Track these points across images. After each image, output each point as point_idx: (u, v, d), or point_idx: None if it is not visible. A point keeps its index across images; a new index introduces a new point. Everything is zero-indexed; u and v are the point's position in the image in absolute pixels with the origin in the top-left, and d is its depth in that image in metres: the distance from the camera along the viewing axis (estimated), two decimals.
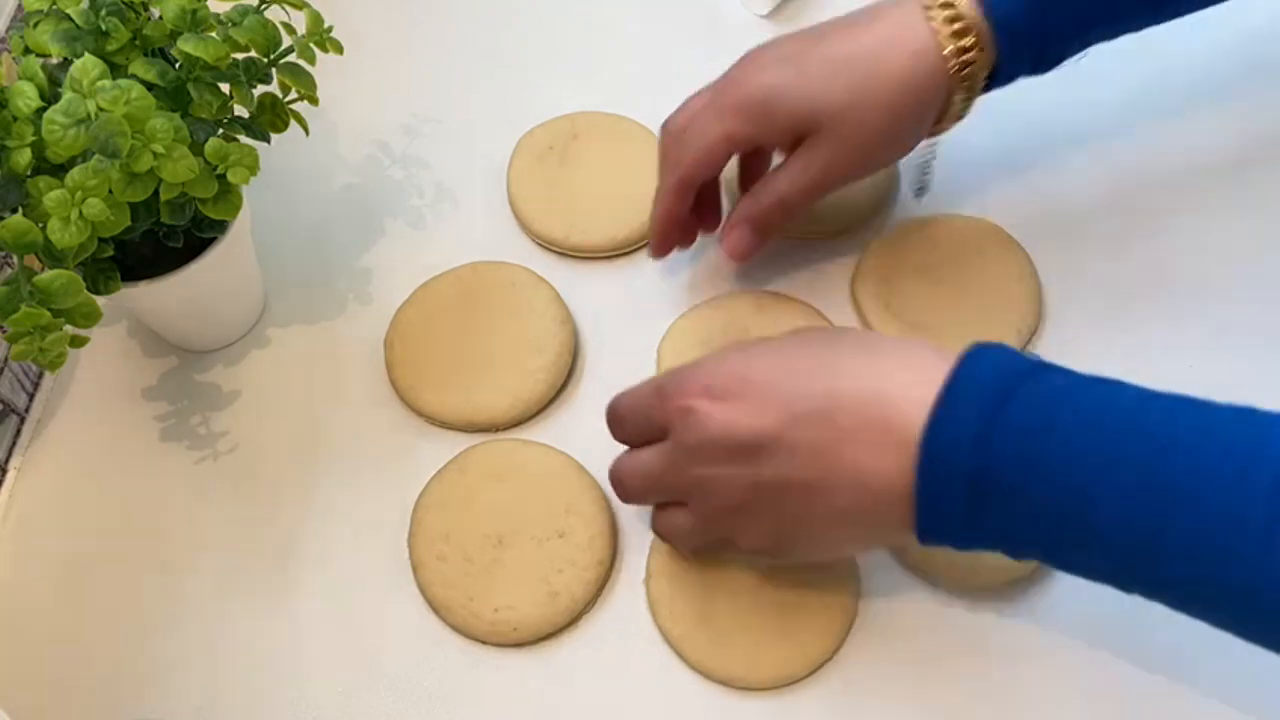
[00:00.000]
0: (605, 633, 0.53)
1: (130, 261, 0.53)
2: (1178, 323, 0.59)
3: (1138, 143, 0.64)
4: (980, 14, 0.51)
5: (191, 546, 0.56)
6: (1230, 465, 0.38)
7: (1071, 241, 0.62)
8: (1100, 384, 0.42)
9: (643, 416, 0.49)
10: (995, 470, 0.41)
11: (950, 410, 0.41)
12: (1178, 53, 0.66)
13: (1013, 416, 0.41)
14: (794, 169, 0.55)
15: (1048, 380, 0.42)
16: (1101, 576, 0.42)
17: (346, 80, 0.60)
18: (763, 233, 0.57)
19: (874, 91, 0.52)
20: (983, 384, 0.42)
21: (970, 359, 0.43)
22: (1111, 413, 0.41)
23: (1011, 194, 0.63)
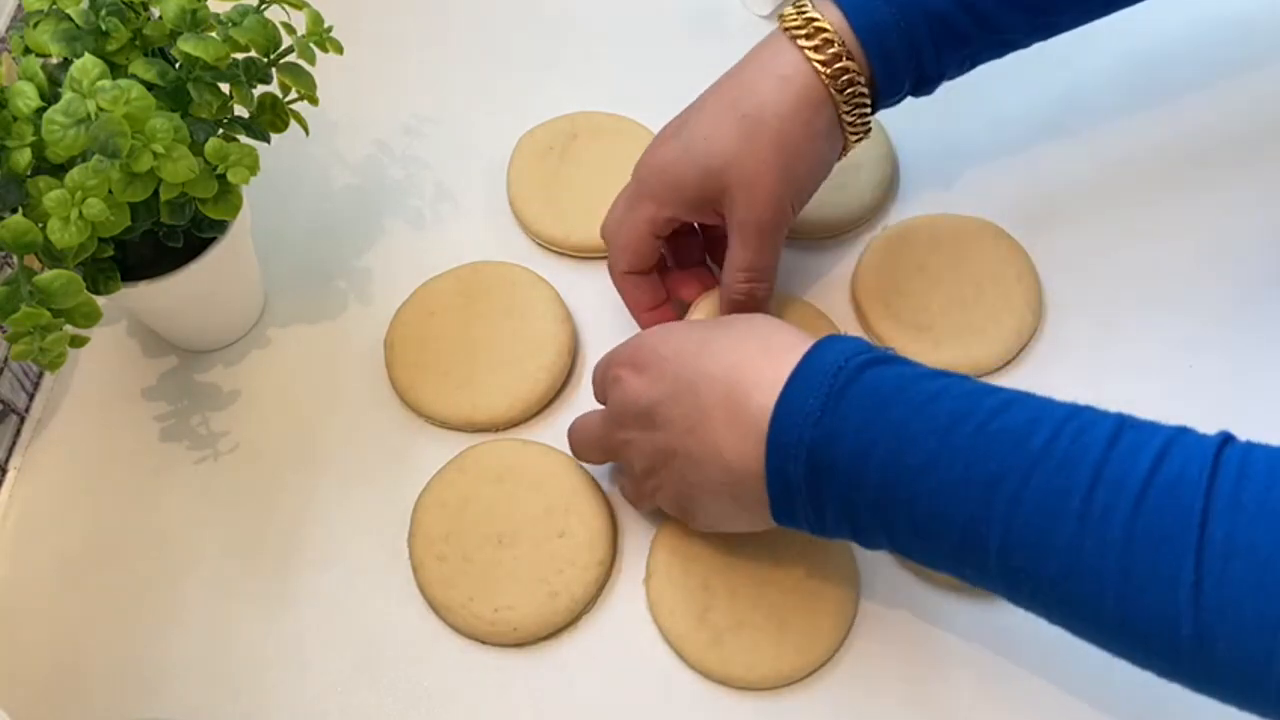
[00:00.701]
0: (605, 633, 0.53)
1: (130, 261, 0.53)
2: (1177, 322, 0.59)
3: (1138, 142, 0.64)
4: (844, 21, 0.51)
5: (191, 546, 0.56)
6: (1053, 457, 0.39)
7: (1071, 241, 0.62)
8: (942, 376, 0.43)
9: (598, 383, 0.53)
10: (832, 451, 0.42)
11: (795, 392, 0.43)
12: (1179, 52, 0.66)
13: (851, 399, 0.42)
14: (734, 250, 0.54)
15: (893, 370, 0.43)
16: (944, 566, 0.43)
17: (346, 80, 0.60)
18: (760, 307, 0.55)
19: (761, 125, 0.52)
20: (827, 369, 0.43)
21: (822, 345, 0.44)
22: (945, 401, 0.42)
23: (1011, 194, 0.63)
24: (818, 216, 0.62)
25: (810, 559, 0.52)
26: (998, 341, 0.58)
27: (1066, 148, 0.65)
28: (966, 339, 0.58)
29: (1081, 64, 0.53)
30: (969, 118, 0.59)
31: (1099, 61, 0.55)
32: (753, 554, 0.53)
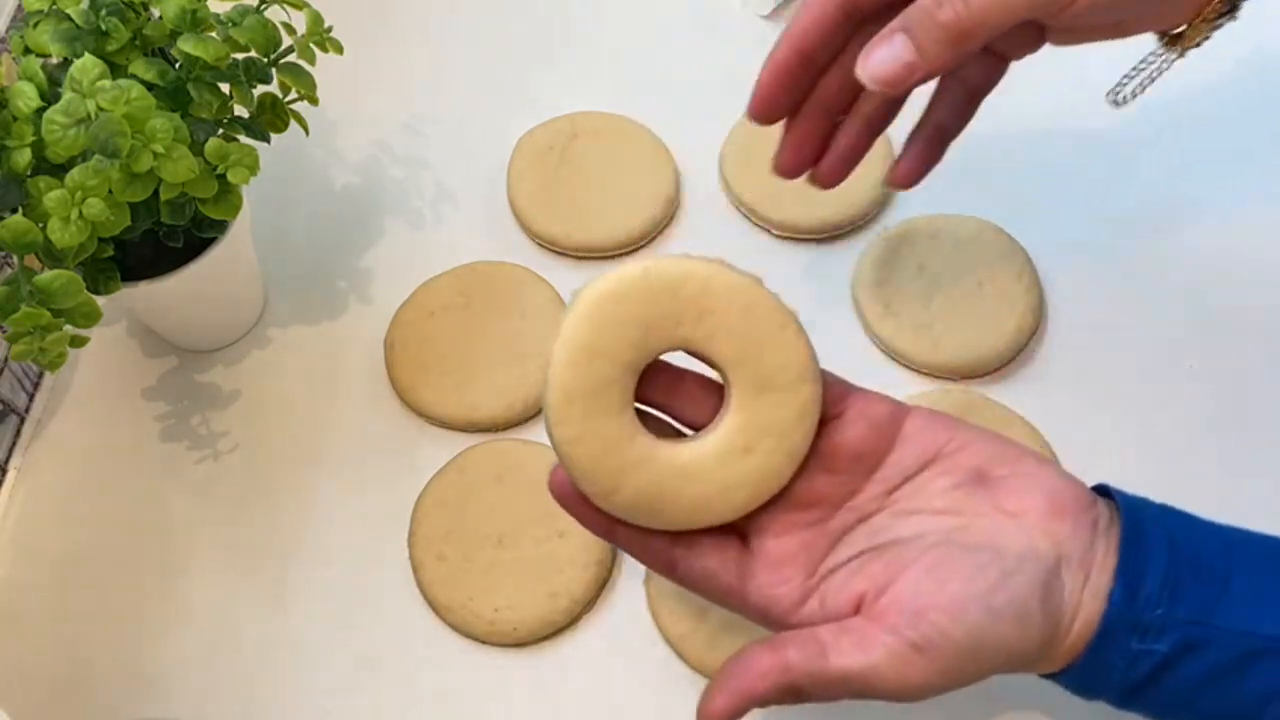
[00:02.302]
0: (605, 633, 0.53)
1: (130, 261, 0.53)
2: (1177, 322, 0.59)
3: (1137, 142, 0.64)
4: None
5: (191, 546, 0.56)
6: None
7: (1071, 241, 0.62)
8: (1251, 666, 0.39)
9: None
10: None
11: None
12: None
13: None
14: None
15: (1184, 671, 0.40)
16: None
17: (346, 80, 0.60)
18: (924, 45, 0.42)
19: None
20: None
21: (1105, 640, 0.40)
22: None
23: (1011, 194, 0.63)
24: (818, 216, 0.62)
25: None
26: (998, 341, 0.58)
27: (1067, 150, 0.65)
28: (966, 339, 0.58)
29: (1082, 63, 0.53)
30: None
31: (1100, 61, 0.55)
32: None
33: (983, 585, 0.39)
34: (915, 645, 0.38)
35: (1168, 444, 0.57)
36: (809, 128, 0.50)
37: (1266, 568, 0.40)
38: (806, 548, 0.42)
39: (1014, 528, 0.40)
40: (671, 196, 0.63)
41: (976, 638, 0.38)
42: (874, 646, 0.39)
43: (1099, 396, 0.58)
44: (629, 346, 0.40)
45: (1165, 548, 0.40)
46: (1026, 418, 0.56)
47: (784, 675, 0.39)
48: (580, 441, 0.40)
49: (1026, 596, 0.39)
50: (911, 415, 0.43)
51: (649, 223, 0.63)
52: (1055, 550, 0.40)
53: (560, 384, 0.40)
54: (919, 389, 0.58)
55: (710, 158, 0.65)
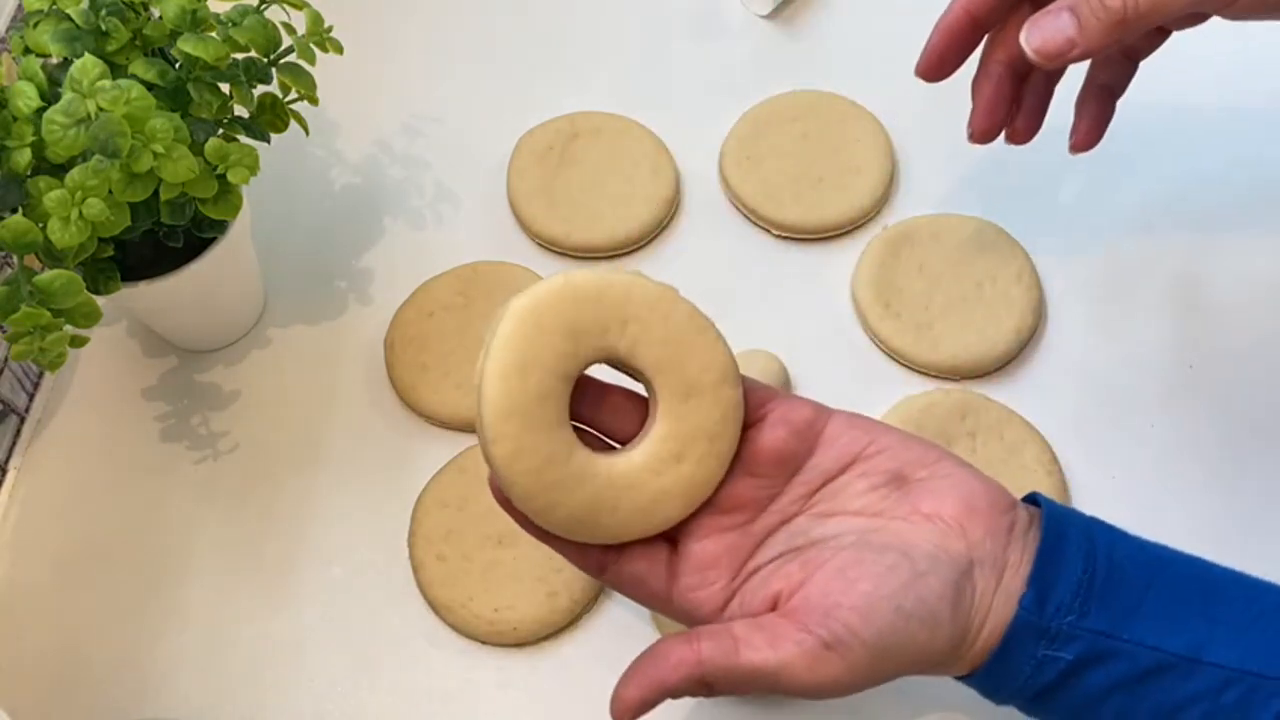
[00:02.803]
0: (605, 633, 0.53)
1: (130, 261, 0.53)
2: (1177, 323, 0.60)
3: (1137, 142, 0.64)
4: None
5: (191, 546, 0.56)
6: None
7: (1071, 241, 0.62)
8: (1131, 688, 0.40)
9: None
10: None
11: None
12: (1178, 52, 0.66)
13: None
14: None
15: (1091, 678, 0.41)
16: None
17: (346, 80, 0.60)
18: (1087, 25, 0.42)
19: None
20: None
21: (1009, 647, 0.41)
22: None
23: (1011, 194, 0.63)
24: (818, 216, 0.62)
25: None
26: (998, 341, 0.58)
27: (1066, 147, 0.65)
28: (966, 339, 0.58)
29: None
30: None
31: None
32: None
33: (893, 585, 0.40)
34: (826, 643, 0.39)
35: (1167, 444, 0.57)
36: (997, 90, 0.52)
37: (1184, 588, 0.41)
38: (731, 550, 0.43)
39: (928, 529, 0.41)
40: (671, 196, 0.63)
41: (886, 637, 0.39)
42: (785, 644, 0.39)
43: (1099, 396, 0.58)
44: (560, 357, 0.40)
45: (1082, 558, 0.40)
46: (1026, 418, 0.56)
47: (696, 668, 0.40)
48: (518, 458, 0.40)
49: (936, 598, 0.40)
50: (833, 418, 0.43)
51: (649, 223, 0.63)
52: (968, 552, 0.40)
53: (495, 399, 0.40)
54: (919, 389, 0.58)
55: (710, 158, 0.65)
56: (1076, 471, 0.56)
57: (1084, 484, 0.56)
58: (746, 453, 0.43)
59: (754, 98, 0.66)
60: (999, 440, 0.56)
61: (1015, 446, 0.55)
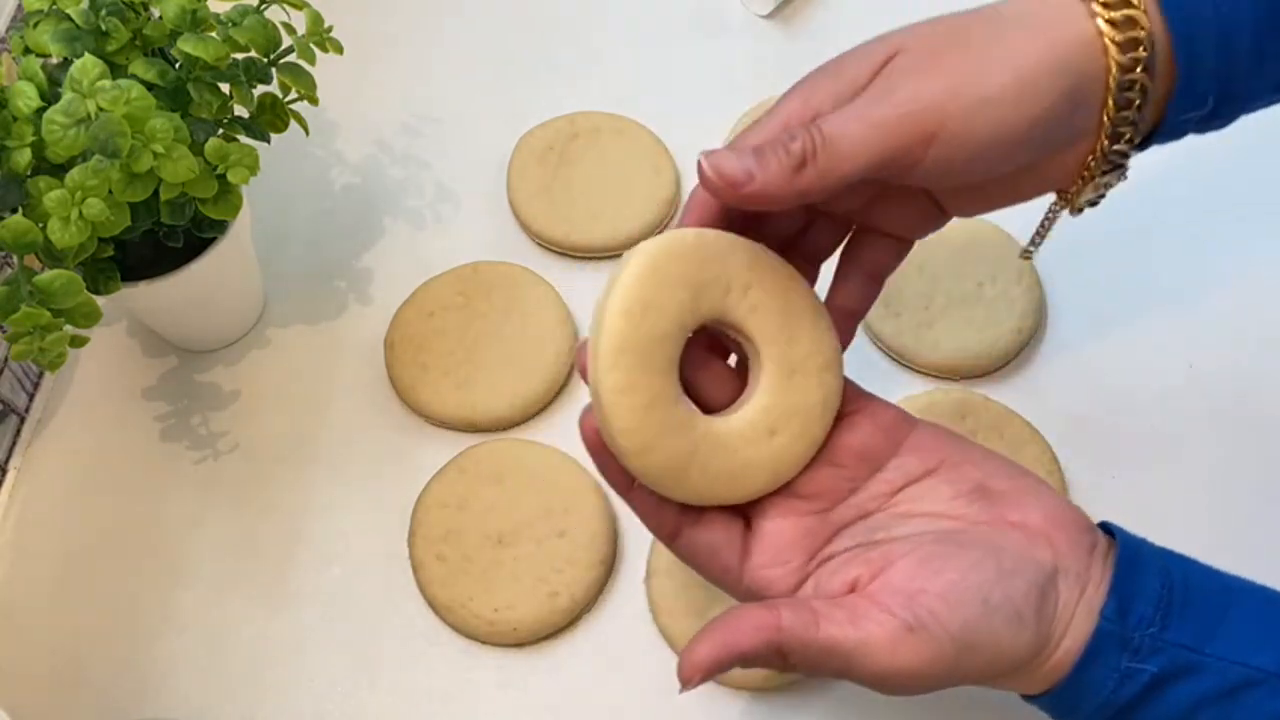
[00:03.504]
0: (605, 633, 0.53)
1: (130, 261, 0.53)
2: (1177, 323, 0.60)
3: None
4: (1156, 8, 0.40)
5: (191, 546, 0.56)
6: None
7: (1071, 241, 0.62)
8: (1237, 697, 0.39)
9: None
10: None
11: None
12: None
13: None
14: (853, 100, 0.40)
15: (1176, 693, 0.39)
16: None
17: (346, 80, 0.60)
18: (767, 163, 0.39)
19: (993, 64, 0.40)
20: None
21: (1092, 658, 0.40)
22: None
23: None
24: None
25: None
26: (998, 341, 0.58)
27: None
28: (966, 339, 0.58)
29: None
30: None
31: None
32: None
33: (979, 579, 0.39)
34: (909, 626, 0.38)
35: (1167, 444, 0.57)
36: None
37: (1264, 609, 0.40)
38: (807, 534, 0.42)
39: (1014, 536, 0.40)
40: (671, 196, 0.63)
41: (971, 630, 0.38)
42: (867, 622, 0.38)
43: (1099, 396, 0.58)
44: (680, 307, 0.40)
45: (1159, 577, 0.40)
46: (1026, 418, 0.56)
47: (775, 634, 0.38)
48: (629, 391, 0.40)
49: (1022, 597, 0.39)
50: (919, 426, 0.43)
51: (649, 223, 0.63)
52: (1053, 560, 0.40)
53: (614, 333, 0.39)
54: (919, 389, 0.58)
55: None
56: (1076, 471, 0.56)
57: (1084, 484, 0.56)
58: (832, 443, 0.43)
59: (754, 98, 0.66)
60: (999, 440, 0.56)
61: (1015, 446, 0.55)
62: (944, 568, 0.39)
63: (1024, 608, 0.39)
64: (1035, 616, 0.39)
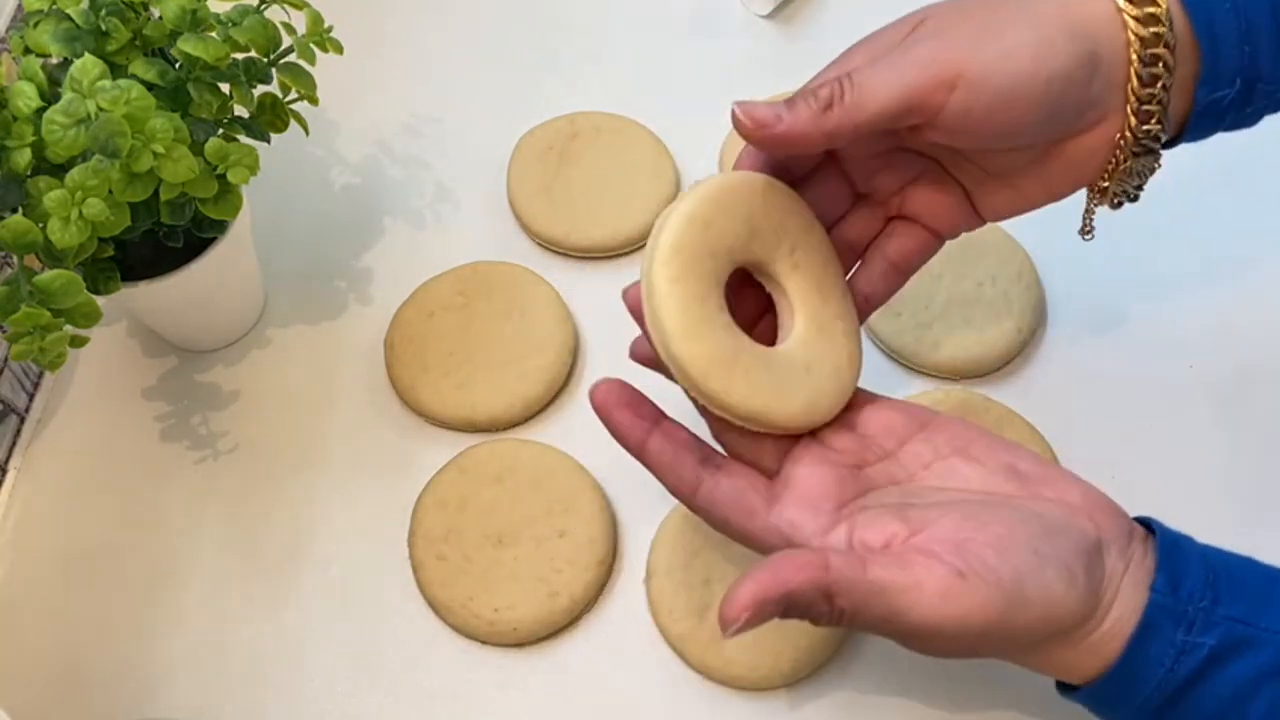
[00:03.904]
0: (605, 633, 0.53)
1: (130, 261, 0.53)
2: (1178, 323, 0.60)
3: None
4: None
5: (191, 546, 0.56)
6: None
7: (1071, 241, 0.62)
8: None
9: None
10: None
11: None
12: None
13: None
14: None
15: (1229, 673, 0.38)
16: None
17: (346, 80, 0.60)
18: (797, 111, 0.40)
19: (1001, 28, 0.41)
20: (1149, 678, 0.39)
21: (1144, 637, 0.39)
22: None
23: None
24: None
25: None
26: (998, 341, 0.58)
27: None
28: (966, 339, 0.58)
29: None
30: None
31: None
32: (753, 553, 0.53)
33: (1028, 532, 0.38)
34: (959, 571, 0.37)
35: (1167, 444, 0.57)
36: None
37: None
38: (839, 484, 0.41)
39: (1054, 507, 0.40)
40: (671, 196, 0.63)
41: (1022, 580, 0.37)
42: (916, 567, 0.37)
43: (1099, 396, 0.58)
44: (735, 238, 0.42)
45: (1201, 559, 0.39)
46: (1026, 418, 0.56)
47: (822, 573, 0.37)
48: (683, 281, 0.41)
49: (1071, 554, 0.38)
50: (942, 415, 0.43)
51: (649, 223, 0.63)
52: (1097, 533, 0.39)
53: (674, 235, 0.41)
54: (919, 389, 0.58)
55: (710, 158, 0.65)
56: (1076, 471, 0.56)
57: None
58: (856, 419, 0.43)
59: (754, 98, 0.66)
60: None
61: None
62: (990, 521, 0.38)
63: (1074, 564, 0.38)
64: (1085, 576, 0.38)
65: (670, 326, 0.40)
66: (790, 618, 0.38)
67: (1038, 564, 0.37)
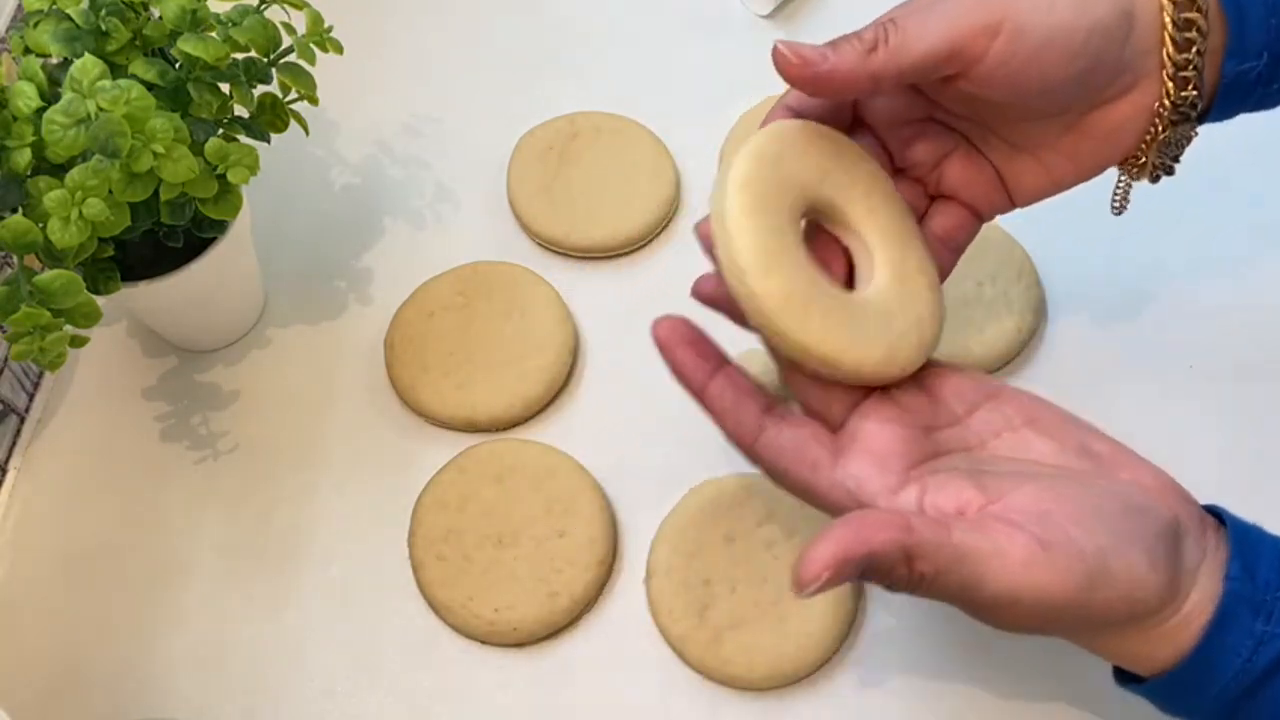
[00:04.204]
0: (605, 633, 0.53)
1: (130, 261, 0.53)
2: (1178, 322, 0.59)
3: None
4: None
5: (191, 546, 0.56)
6: None
7: (1071, 241, 0.62)
8: None
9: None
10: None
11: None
12: None
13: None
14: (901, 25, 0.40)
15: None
16: None
17: (346, 80, 0.60)
18: (843, 52, 0.40)
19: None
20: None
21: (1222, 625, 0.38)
22: None
23: None
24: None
25: None
26: (998, 341, 0.58)
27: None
28: (966, 339, 0.58)
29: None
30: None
31: None
32: (753, 553, 0.53)
33: (1110, 509, 0.37)
34: (1042, 543, 0.35)
35: (1167, 444, 0.57)
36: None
37: None
38: (909, 444, 0.40)
39: (1132, 487, 0.39)
40: (671, 196, 0.64)
41: (1105, 555, 0.36)
42: (998, 535, 0.36)
43: (1099, 397, 0.58)
44: (807, 174, 0.41)
45: (1274, 549, 0.38)
46: None
47: (904, 534, 0.35)
48: (756, 214, 0.39)
49: (1154, 536, 0.37)
50: (1010, 387, 0.42)
51: (649, 223, 0.63)
52: (1175, 516, 0.38)
53: (744, 169, 0.39)
54: None
55: (710, 158, 0.65)
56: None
57: None
58: (928, 381, 0.42)
59: (754, 98, 0.66)
60: None
61: None
62: (1071, 495, 0.37)
63: (1155, 546, 0.37)
64: (1166, 559, 0.37)
65: (745, 260, 0.38)
66: (866, 580, 0.36)
67: (1121, 542, 0.36)
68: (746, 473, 0.55)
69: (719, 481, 0.55)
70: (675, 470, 0.56)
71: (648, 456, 0.57)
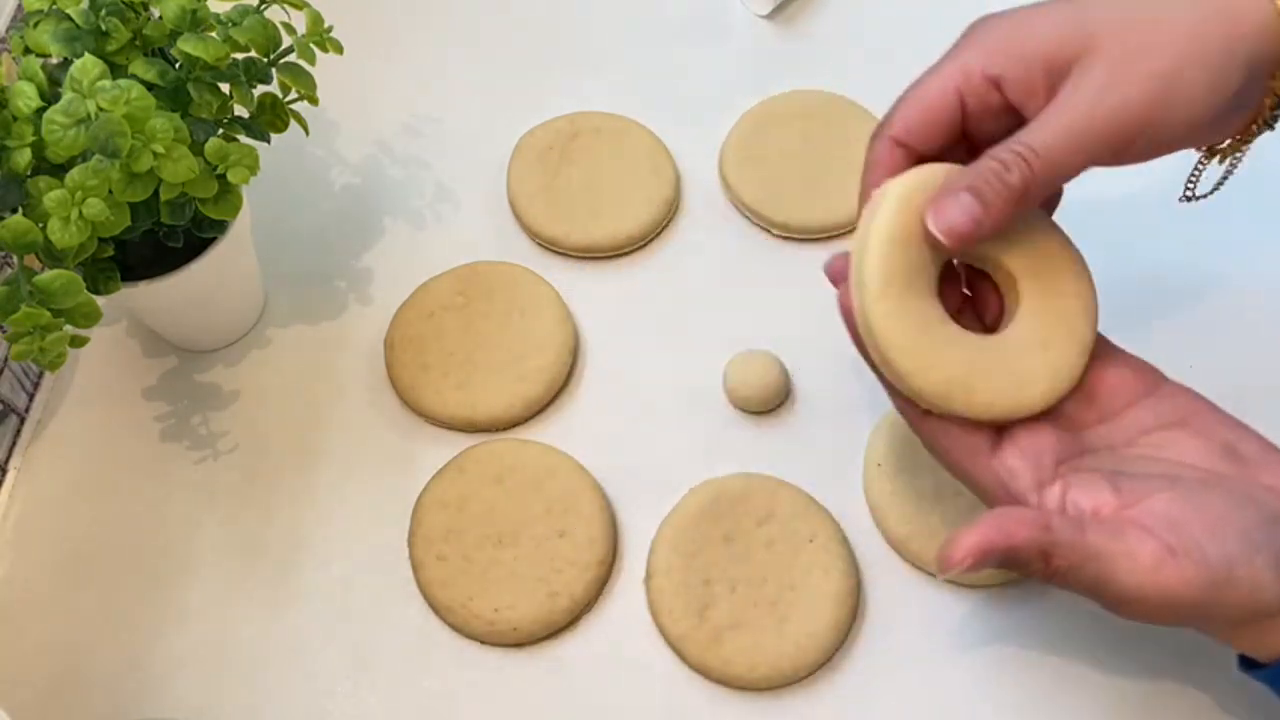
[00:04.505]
0: (605, 633, 0.53)
1: (130, 261, 0.53)
2: (1178, 323, 0.59)
3: None
4: None
5: (191, 546, 0.56)
6: None
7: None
8: None
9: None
10: None
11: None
12: None
13: None
14: (1050, 111, 0.42)
15: None
16: None
17: (346, 80, 0.60)
18: (991, 205, 0.41)
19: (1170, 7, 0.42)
20: None
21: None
22: None
23: None
24: (818, 217, 0.62)
25: (811, 556, 0.53)
26: None
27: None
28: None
29: None
30: None
31: None
32: (753, 552, 0.53)
33: (1244, 518, 0.39)
34: (1170, 548, 0.38)
35: None
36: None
37: None
38: (1058, 443, 0.43)
39: (1270, 495, 0.40)
40: (671, 196, 0.64)
41: (1231, 563, 0.38)
42: (1129, 538, 0.39)
43: None
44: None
45: None
46: None
47: (1044, 532, 0.39)
48: (900, 315, 0.42)
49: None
50: (1170, 381, 0.45)
51: (649, 223, 0.63)
52: None
53: (877, 264, 0.42)
54: None
55: (710, 158, 0.65)
56: None
57: None
58: (1088, 377, 0.44)
59: (754, 98, 0.66)
60: None
61: None
62: (1207, 503, 0.39)
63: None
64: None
65: (902, 365, 0.42)
66: (1004, 568, 0.40)
67: (1250, 551, 0.38)
68: (746, 473, 0.55)
69: (719, 481, 0.55)
70: (675, 470, 0.56)
71: (648, 456, 0.57)
